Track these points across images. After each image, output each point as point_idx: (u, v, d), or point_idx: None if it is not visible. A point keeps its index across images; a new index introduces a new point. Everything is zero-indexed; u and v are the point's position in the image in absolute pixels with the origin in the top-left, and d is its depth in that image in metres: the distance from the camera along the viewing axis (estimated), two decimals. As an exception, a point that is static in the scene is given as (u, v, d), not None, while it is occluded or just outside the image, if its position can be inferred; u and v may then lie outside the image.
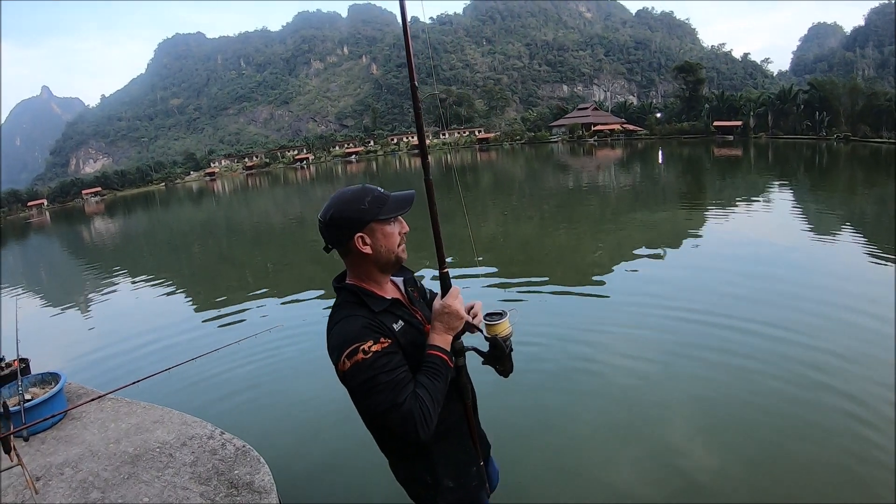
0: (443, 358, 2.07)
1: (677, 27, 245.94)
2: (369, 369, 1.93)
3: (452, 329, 2.14)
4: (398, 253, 2.17)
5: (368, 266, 2.14)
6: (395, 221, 2.16)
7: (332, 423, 5.82)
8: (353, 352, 1.94)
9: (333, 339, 2.04)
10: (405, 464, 2.30)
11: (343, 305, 2.11)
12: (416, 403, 1.93)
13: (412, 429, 1.91)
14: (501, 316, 2.22)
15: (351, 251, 2.11)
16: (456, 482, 2.28)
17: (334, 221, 2.07)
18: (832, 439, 4.98)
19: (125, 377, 4.23)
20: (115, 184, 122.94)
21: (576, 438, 5.35)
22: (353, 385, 1.99)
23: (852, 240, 13.51)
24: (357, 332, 1.98)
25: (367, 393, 1.95)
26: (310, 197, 47.83)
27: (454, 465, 2.29)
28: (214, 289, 14.33)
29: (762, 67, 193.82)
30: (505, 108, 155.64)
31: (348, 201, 2.07)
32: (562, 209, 21.60)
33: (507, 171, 52.36)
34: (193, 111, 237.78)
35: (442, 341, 2.11)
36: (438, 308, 2.14)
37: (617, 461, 4.92)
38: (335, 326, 2.06)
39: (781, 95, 73.04)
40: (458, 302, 2.17)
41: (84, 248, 32.08)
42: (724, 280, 10.16)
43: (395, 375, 1.95)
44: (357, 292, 2.12)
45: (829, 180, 28.62)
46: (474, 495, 2.36)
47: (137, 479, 4.22)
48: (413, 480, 2.30)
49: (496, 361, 2.23)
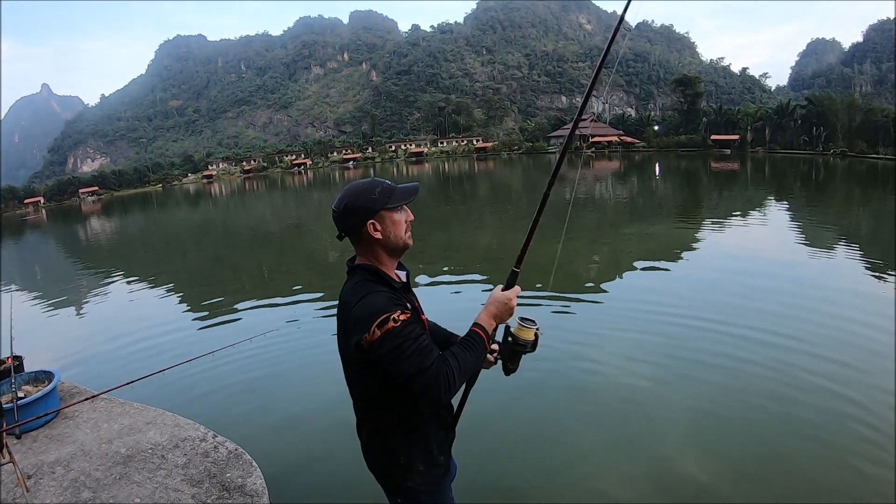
0: (482, 336, 2.28)
1: (676, 41, 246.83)
2: (399, 336, 2.07)
3: (501, 319, 2.38)
4: (405, 239, 2.34)
5: (378, 251, 2.31)
6: (402, 210, 2.34)
7: (325, 427, 5.82)
8: (385, 321, 2.07)
9: (361, 310, 2.15)
10: (386, 442, 2.41)
11: (364, 283, 2.25)
12: (443, 367, 2.10)
13: (436, 392, 2.08)
14: (534, 323, 2.45)
15: (363, 238, 2.28)
16: (426, 467, 2.42)
17: (348, 210, 2.25)
18: (829, 450, 5.02)
19: (119, 377, 4.23)
20: (112, 184, 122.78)
21: (569, 444, 5.38)
22: (381, 353, 2.09)
23: (847, 254, 13.60)
24: (385, 304, 2.13)
25: (397, 358, 2.08)
26: (306, 202, 47.88)
27: (430, 451, 2.43)
28: (210, 292, 14.31)
29: (760, 82, 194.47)
30: (503, 117, 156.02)
31: (361, 192, 2.26)
32: (558, 220, 21.60)
33: (504, 181, 52.45)
34: (192, 113, 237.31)
35: (487, 323, 2.33)
36: (500, 297, 2.37)
37: (610, 468, 4.95)
38: (361, 300, 2.17)
39: (779, 110, 73.42)
40: (515, 300, 2.39)
41: (80, 248, 32.01)
42: (719, 292, 10.22)
43: (420, 342, 2.11)
44: (376, 271, 2.28)
45: (825, 196, 28.74)
46: (439, 483, 2.50)
47: (129, 479, 4.21)
48: (388, 459, 2.42)
49: (510, 357, 2.49)
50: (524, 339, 2.45)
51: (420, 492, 2.43)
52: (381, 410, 2.37)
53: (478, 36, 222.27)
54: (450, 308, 10.23)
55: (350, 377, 2.36)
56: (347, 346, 2.21)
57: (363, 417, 2.45)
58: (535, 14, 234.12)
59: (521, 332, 2.45)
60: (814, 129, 64.21)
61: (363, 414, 2.44)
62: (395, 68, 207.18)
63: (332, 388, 6.44)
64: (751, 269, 12.02)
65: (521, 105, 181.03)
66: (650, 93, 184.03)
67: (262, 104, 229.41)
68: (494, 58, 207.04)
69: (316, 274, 14.98)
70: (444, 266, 14.16)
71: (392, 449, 2.39)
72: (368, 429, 2.45)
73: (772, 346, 7.38)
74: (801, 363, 6.81)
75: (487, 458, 5.08)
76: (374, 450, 2.46)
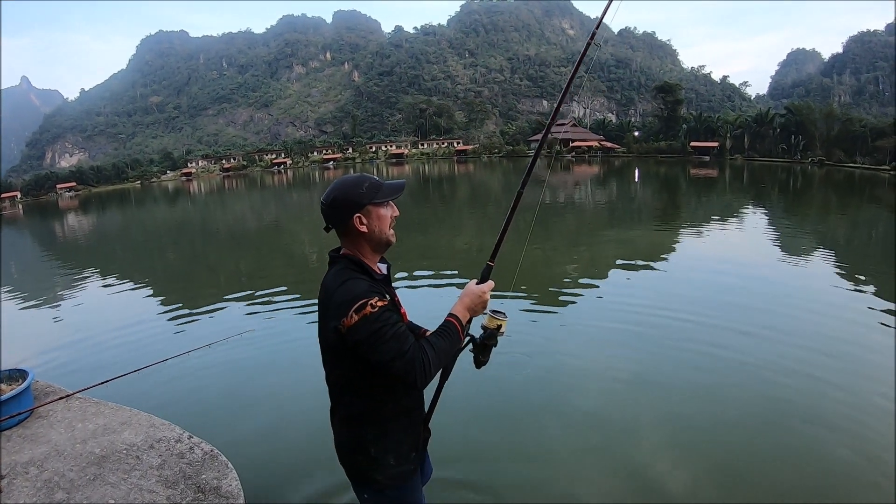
0: (456, 326, 2.37)
1: (658, 48, 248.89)
2: (376, 321, 2.14)
3: (474, 311, 2.48)
4: (389, 235, 2.43)
5: (363, 245, 2.39)
6: (387, 206, 2.43)
7: (302, 429, 5.81)
8: (362, 306, 2.14)
9: (340, 296, 2.21)
10: (356, 432, 2.44)
11: (345, 270, 2.32)
12: (419, 353, 2.18)
13: (412, 377, 2.16)
14: (504, 315, 2.57)
15: (349, 230, 2.35)
16: (397, 461, 2.46)
17: (336, 203, 2.33)
18: (803, 454, 5.11)
19: (94, 377, 4.21)
20: (90, 179, 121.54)
21: (545, 448, 5.40)
22: (359, 337, 2.16)
23: (823, 260, 13.81)
24: (364, 290, 2.20)
25: (374, 343, 2.15)
26: (286, 202, 47.65)
27: (401, 446, 2.48)
28: (187, 291, 14.22)
29: (740, 90, 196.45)
30: (485, 120, 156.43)
31: (349, 186, 2.34)
32: (537, 224, 21.71)
33: (484, 184, 52.53)
34: (173, 110, 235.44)
35: (462, 314, 2.42)
36: (475, 290, 2.49)
37: (586, 473, 4.99)
38: (341, 286, 2.24)
39: (758, 118, 74.25)
40: (488, 294, 2.51)
41: (56, 245, 31.61)
42: (695, 296, 10.29)
43: (397, 328, 2.19)
44: (359, 262, 2.36)
45: (802, 203, 29.07)
46: (408, 478, 2.53)
47: (103, 480, 4.19)
48: (357, 450, 2.45)
49: (481, 350, 2.59)
50: (489, 327, 2.55)
51: (388, 486, 2.46)
52: (353, 397, 2.40)
53: (461, 38, 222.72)
54: (428, 308, 10.23)
55: (327, 362, 2.41)
56: (326, 330, 2.27)
57: (336, 404, 2.50)
58: (518, 18, 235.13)
59: (489, 322, 2.56)
60: (792, 137, 64.97)
61: (337, 401, 2.49)
62: (378, 69, 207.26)
63: (309, 389, 6.44)
64: (727, 273, 12.13)
65: (502, 108, 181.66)
66: (631, 99, 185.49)
67: (243, 102, 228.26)
68: (477, 61, 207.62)
69: (294, 275, 14.92)
70: (422, 267, 14.16)
71: (363, 439, 2.42)
72: (341, 416, 2.49)
73: (748, 347, 7.48)
74: (775, 364, 6.90)
75: (460, 460, 5.10)
76: (344, 440, 2.49)
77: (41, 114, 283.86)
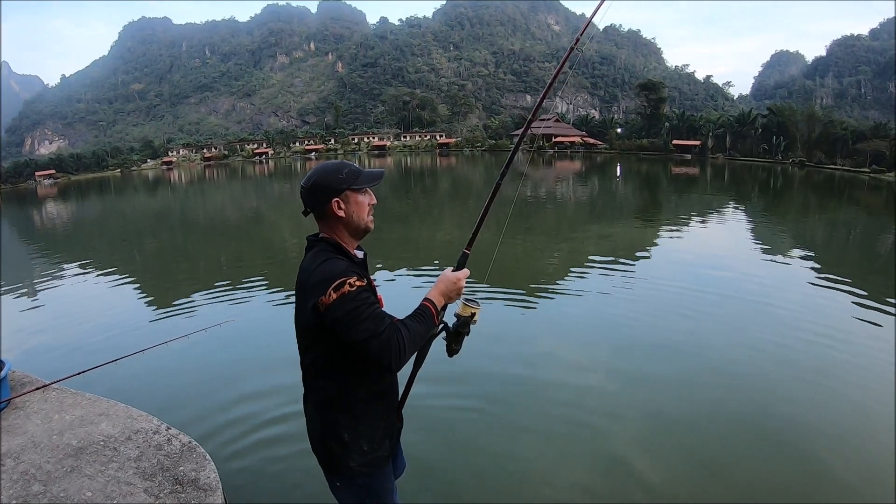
0: (431, 310, 2.41)
1: (643, 46, 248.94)
2: (354, 300, 2.17)
3: (449, 297, 2.52)
4: (367, 222, 2.46)
5: (341, 230, 2.42)
6: (366, 193, 2.46)
7: (280, 421, 5.81)
8: (340, 285, 2.17)
9: (318, 275, 2.24)
10: (328, 417, 2.46)
11: (323, 252, 2.35)
12: (394, 335, 2.19)
13: (388, 356, 2.17)
14: (477, 304, 2.60)
15: (327, 215, 2.39)
16: (370, 447, 2.48)
17: (315, 187, 2.37)
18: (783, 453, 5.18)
19: (71, 367, 4.18)
20: (69, 167, 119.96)
21: (519, 449, 5.42)
22: (337, 315, 2.17)
23: (801, 260, 13.95)
24: (342, 270, 2.23)
25: (351, 322, 2.16)
26: (267, 192, 47.44)
27: (374, 431, 2.50)
28: (166, 281, 14.14)
29: (723, 90, 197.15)
30: (468, 114, 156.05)
31: (328, 171, 2.39)
32: (520, 218, 21.77)
33: (466, 177, 52.56)
34: (154, 97, 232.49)
35: (437, 300, 2.46)
36: (450, 277, 2.53)
37: (561, 472, 5.01)
38: (320, 266, 2.27)
39: (741, 118, 74.77)
40: (463, 281, 2.55)
41: (34, 233, 31.25)
42: (674, 292, 10.38)
43: (374, 309, 2.22)
44: (337, 244, 2.39)
45: (782, 203, 29.39)
46: (380, 466, 2.56)
47: (80, 472, 4.16)
48: (330, 435, 2.45)
49: (454, 338, 2.61)
50: (463, 315, 2.58)
51: (360, 473, 2.48)
52: (327, 381, 2.42)
53: (446, 31, 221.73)
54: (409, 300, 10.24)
55: (303, 345, 2.43)
56: (305, 310, 2.29)
57: (309, 389, 2.52)
58: (503, 12, 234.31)
59: (462, 310, 2.59)
60: (774, 138, 65.54)
61: (309, 385, 2.50)
62: (362, 60, 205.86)
63: (288, 380, 6.43)
64: (705, 269, 12.26)
65: (485, 102, 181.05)
66: (614, 95, 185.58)
67: (226, 91, 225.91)
68: (461, 54, 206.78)
69: (274, 265, 14.88)
70: (403, 259, 14.17)
71: (336, 425, 2.43)
72: (313, 401, 2.51)
73: (724, 344, 7.56)
74: (752, 364, 6.99)
75: (434, 460, 5.13)
76: (317, 425, 2.50)
77: (21, 100, 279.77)
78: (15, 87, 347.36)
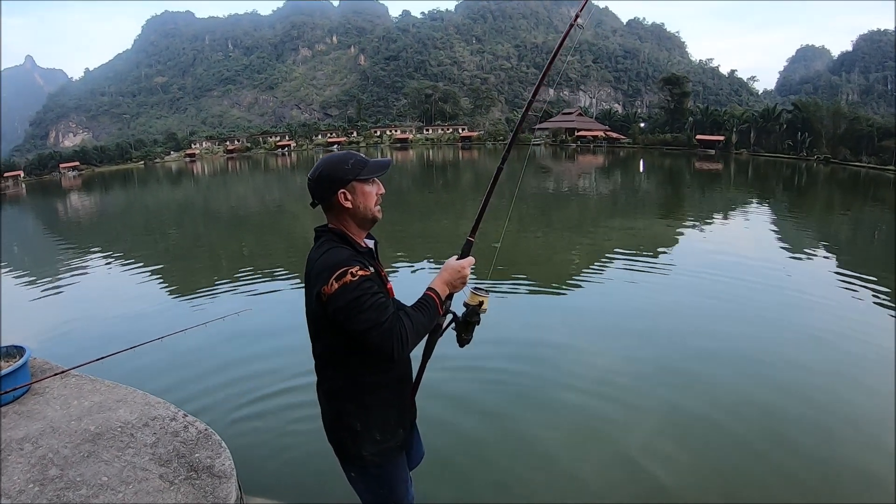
0: (435, 299, 2.40)
1: (667, 39, 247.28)
2: (356, 290, 2.15)
3: (453, 286, 2.50)
4: (374, 211, 2.44)
5: (348, 220, 2.41)
6: (373, 183, 2.45)
7: (297, 410, 5.80)
8: (342, 274, 2.16)
9: (321, 264, 2.25)
10: (337, 406, 2.47)
11: (329, 241, 2.35)
12: (397, 324, 2.18)
13: (389, 346, 2.16)
14: (485, 293, 2.58)
15: (334, 206, 2.38)
16: (382, 437, 2.48)
17: (322, 178, 2.36)
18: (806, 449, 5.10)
19: (91, 354, 4.20)
20: (93, 159, 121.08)
21: (538, 444, 5.37)
22: (339, 305, 2.17)
23: (825, 258, 13.78)
24: (345, 259, 2.23)
25: (352, 312, 2.15)
26: (289, 185, 47.58)
27: (386, 420, 2.51)
28: (187, 270, 14.24)
29: (748, 85, 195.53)
30: (490, 107, 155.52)
31: (335, 162, 2.39)
32: (542, 212, 21.72)
33: (488, 170, 52.42)
34: (177, 90, 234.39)
35: (440, 288, 2.45)
36: (454, 265, 2.51)
37: (579, 469, 4.95)
38: (323, 255, 2.28)
39: (765, 114, 73.85)
40: (468, 269, 2.53)
41: (58, 223, 31.63)
42: (697, 290, 10.28)
43: (377, 299, 2.19)
44: (342, 234, 2.38)
45: (807, 200, 29.01)
46: (392, 456, 2.57)
47: (97, 457, 4.18)
48: (341, 425, 2.47)
49: (464, 328, 2.60)
50: (471, 304, 2.56)
51: (372, 463, 2.49)
52: (334, 370, 2.43)
53: (468, 25, 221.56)
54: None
55: (312, 335, 2.44)
56: (310, 299, 2.29)
57: (321, 377, 2.52)
58: (526, 5, 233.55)
59: (470, 299, 2.57)
60: (798, 134, 64.69)
61: (320, 374, 2.51)
62: (384, 53, 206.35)
63: (305, 369, 6.42)
64: (728, 269, 12.10)
65: (508, 96, 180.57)
66: (638, 90, 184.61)
67: (248, 84, 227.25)
68: (484, 47, 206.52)
69: (294, 255, 14.91)
70: (424, 251, 14.18)
71: (346, 414, 2.44)
72: (324, 390, 2.52)
73: (744, 346, 7.47)
74: (773, 362, 6.90)
75: (452, 455, 5.09)
76: (327, 413, 2.52)
77: (45, 93, 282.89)
78: (39, 80, 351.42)
